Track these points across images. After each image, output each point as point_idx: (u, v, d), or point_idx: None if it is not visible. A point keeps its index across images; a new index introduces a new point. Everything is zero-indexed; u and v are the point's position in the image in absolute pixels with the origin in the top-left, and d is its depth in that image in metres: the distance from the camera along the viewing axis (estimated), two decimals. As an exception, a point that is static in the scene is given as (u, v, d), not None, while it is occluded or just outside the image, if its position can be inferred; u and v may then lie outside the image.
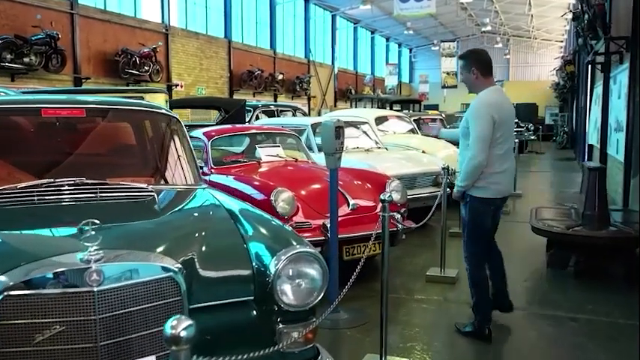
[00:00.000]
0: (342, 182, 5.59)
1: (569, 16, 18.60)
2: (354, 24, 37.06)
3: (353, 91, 34.06)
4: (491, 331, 3.95)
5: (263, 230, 2.59)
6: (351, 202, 5.34)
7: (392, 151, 9.11)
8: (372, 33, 40.42)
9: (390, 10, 27.50)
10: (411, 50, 49.21)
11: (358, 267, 3.89)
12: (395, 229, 5.35)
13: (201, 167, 6.06)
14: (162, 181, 3.32)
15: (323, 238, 4.94)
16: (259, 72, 23.92)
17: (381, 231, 5.34)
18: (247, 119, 12.34)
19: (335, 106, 32.09)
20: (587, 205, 5.62)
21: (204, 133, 6.49)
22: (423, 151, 9.50)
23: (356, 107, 24.34)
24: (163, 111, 3.58)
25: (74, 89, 11.78)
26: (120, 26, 17.16)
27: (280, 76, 25.90)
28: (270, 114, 13.98)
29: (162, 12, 19.23)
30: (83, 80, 15.52)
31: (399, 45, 46.73)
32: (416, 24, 35.78)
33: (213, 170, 6.04)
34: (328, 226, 4.94)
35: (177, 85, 19.32)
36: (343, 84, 34.83)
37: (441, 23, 38.29)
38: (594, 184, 5.58)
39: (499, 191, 3.93)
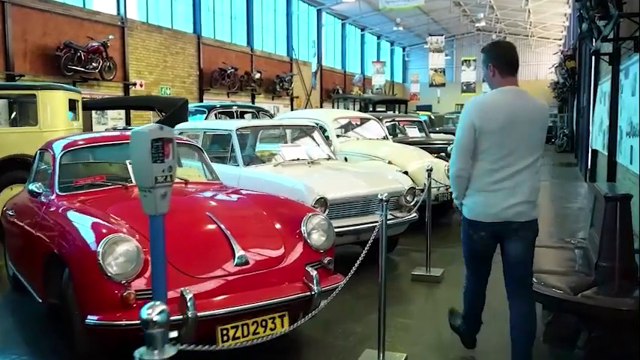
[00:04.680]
0: (230, 220, 3.72)
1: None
2: (342, 20, 35.18)
3: (340, 91, 32.17)
4: (476, 340, 3.73)
5: None
6: (238, 252, 3.45)
7: (348, 164, 7.25)
8: (362, 30, 38.54)
9: (378, 4, 25.62)
10: (404, 49, 47.33)
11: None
12: (308, 293, 3.47)
13: (40, 194, 4.19)
14: None
15: (181, 316, 3.06)
16: (232, 70, 22.02)
17: (283, 299, 3.52)
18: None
19: (321, 106, 30.19)
20: (603, 252, 3.73)
21: (64, 145, 4.59)
22: (390, 162, 7.63)
23: (338, 107, 22.48)
24: None
25: None
26: (64, 17, 15.26)
27: (257, 75, 23.99)
28: (230, 116, 12.24)
29: (117, 3, 17.32)
30: (17, 77, 13.64)
31: (392, 43, 44.89)
32: (407, 20, 33.93)
33: (58, 199, 4.14)
34: (188, 296, 3.08)
35: (135, 84, 17.41)
36: (331, 83, 32.95)
37: (434, 20, 36.41)
38: (613, 222, 3.69)
39: (490, 215, 3.18)
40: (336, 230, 5.00)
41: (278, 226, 3.86)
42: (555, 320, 3.96)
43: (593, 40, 8.88)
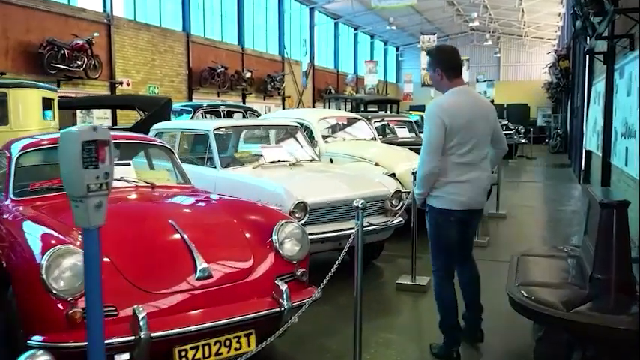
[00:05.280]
0: (195, 229, 3.43)
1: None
2: (335, 19, 34.88)
3: (333, 91, 31.87)
4: (459, 354, 3.61)
5: None
6: (201, 265, 3.15)
7: (331, 166, 6.97)
8: (355, 30, 38.24)
9: (370, 3, 25.31)
10: (397, 49, 47.07)
11: None
12: (277, 309, 3.19)
13: (-8, 200, 3.88)
14: None
15: (132, 337, 2.77)
16: (222, 69, 21.68)
17: (249, 316, 3.23)
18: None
19: (313, 106, 29.89)
20: (598, 263, 3.46)
21: (23, 146, 4.30)
22: (377, 164, 7.35)
23: (330, 107, 22.20)
24: None
25: None
26: (48, 14, 14.88)
27: (248, 74, 23.66)
28: (217, 115, 11.91)
29: (103, 0, 16.96)
30: (-2, 75, 13.26)
31: (385, 43, 44.61)
32: (400, 20, 33.63)
33: (12, 204, 3.84)
34: (141, 315, 2.79)
35: (121, 83, 17.06)
36: (323, 83, 32.63)
37: (428, 20, 36.17)
38: (609, 231, 3.42)
39: (458, 203, 3.53)
40: (316, 236, 4.77)
41: (248, 235, 3.57)
42: (546, 336, 3.69)
43: (588, 38, 8.64)
